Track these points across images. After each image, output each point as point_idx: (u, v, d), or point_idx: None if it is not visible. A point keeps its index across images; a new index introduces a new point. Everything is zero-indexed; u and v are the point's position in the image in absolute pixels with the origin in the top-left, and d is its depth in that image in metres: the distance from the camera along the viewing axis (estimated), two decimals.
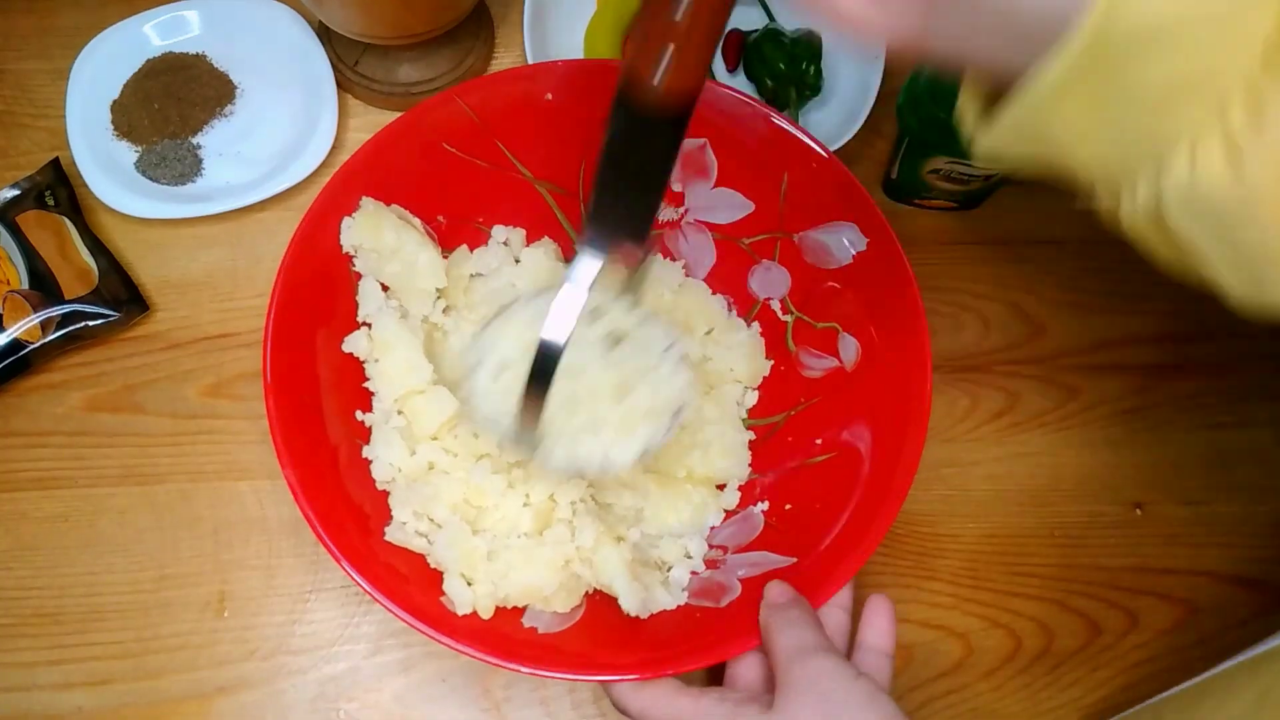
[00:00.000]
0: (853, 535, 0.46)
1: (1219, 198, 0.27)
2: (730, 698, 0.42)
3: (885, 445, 0.48)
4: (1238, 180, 0.26)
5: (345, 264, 0.52)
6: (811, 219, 0.53)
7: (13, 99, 0.64)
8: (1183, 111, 0.27)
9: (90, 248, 0.58)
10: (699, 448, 0.53)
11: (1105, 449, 0.60)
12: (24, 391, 0.57)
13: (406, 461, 0.50)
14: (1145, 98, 0.27)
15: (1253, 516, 0.59)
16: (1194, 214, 0.28)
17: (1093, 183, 0.30)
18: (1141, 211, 0.29)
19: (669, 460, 0.53)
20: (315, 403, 0.49)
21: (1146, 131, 0.27)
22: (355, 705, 0.52)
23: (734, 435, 0.54)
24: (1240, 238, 0.28)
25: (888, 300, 0.50)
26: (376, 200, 0.52)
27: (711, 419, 0.54)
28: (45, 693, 0.51)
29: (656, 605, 0.47)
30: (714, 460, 0.53)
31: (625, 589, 0.46)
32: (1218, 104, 0.26)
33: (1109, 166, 0.29)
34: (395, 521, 0.48)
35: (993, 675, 0.55)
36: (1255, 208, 0.27)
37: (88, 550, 0.54)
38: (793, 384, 0.55)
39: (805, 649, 0.41)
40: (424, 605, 0.44)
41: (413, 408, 0.50)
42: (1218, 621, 0.57)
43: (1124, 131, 0.28)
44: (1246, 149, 0.26)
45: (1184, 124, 0.27)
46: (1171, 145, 0.27)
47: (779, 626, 0.42)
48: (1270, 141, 0.26)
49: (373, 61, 0.64)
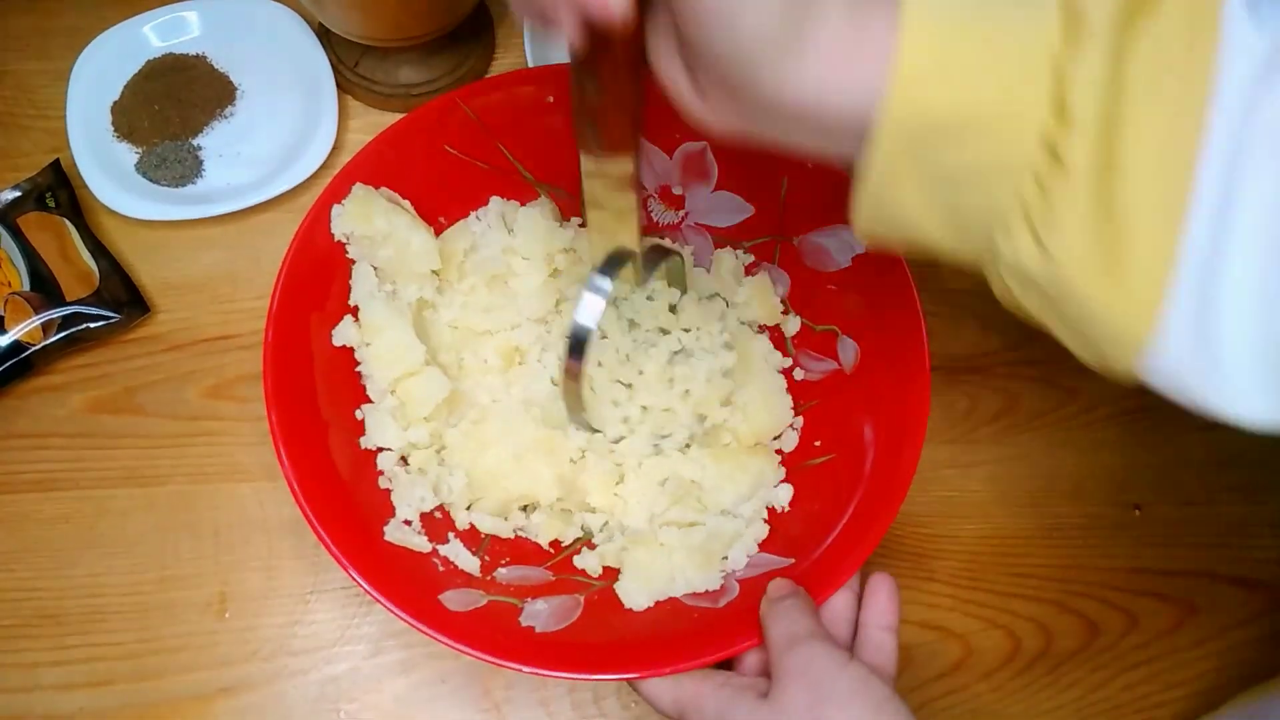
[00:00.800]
0: (851, 537, 0.46)
1: (1036, 274, 0.29)
2: (733, 683, 0.42)
3: (884, 447, 0.48)
4: (1046, 259, 0.28)
5: (346, 265, 0.52)
6: (811, 222, 0.53)
7: (13, 100, 0.64)
8: (995, 194, 0.29)
9: (91, 249, 0.58)
10: (738, 410, 0.53)
11: (1104, 450, 0.60)
12: (25, 393, 0.57)
13: (400, 439, 0.50)
14: (961, 182, 0.29)
15: (1252, 517, 0.59)
16: (1024, 288, 0.30)
17: (960, 260, 0.32)
18: (997, 285, 0.31)
19: (715, 428, 0.53)
20: (315, 403, 0.49)
21: (974, 213, 0.29)
22: (356, 706, 0.52)
23: (770, 385, 0.54)
24: (1061, 307, 0.30)
25: (887, 303, 0.50)
26: (367, 186, 0.52)
27: (742, 380, 0.54)
28: (47, 693, 0.51)
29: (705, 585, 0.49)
30: (755, 416, 0.53)
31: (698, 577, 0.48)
32: (1016, 189, 0.28)
33: (956, 247, 0.31)
34: (395, 521, 0.48)
35: (992, 676, 0.55)
36: (1065, 283, 0.29)
37: (89, 551, 0.54)
38: (792, 386, 0.55)
39: (797, 637, 0.41)
40: (424, 605, 0.44)
41: (406, 390, 0.51)
42: (1217, 622, 0.57)
43: (955, 214, 0.30)
44: (1043, 231, 0.28)
45: (999, 206, 0.29)
46: (996, 226, 0.29)
47: (774, 617, 0.43)
48: (1061, 225, 0.28)
49: (373, 63, 0.64)
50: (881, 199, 0.31)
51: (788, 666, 0.41)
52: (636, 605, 0.48)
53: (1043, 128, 0.28)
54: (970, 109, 0.28)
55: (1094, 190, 0.27)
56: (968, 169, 0.29)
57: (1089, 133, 0.27)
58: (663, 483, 0.52)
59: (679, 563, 0.48)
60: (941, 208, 0.30)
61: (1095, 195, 0.27)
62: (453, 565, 0.48)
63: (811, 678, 0.40)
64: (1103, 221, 0.28)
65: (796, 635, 0.42)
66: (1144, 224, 0.27)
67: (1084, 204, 0.28)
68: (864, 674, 0.40)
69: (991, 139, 0.28)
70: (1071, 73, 0.27)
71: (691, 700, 0.42)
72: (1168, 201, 0.27)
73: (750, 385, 0.53)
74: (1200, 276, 0.27)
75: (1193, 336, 0.28)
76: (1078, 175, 0.27)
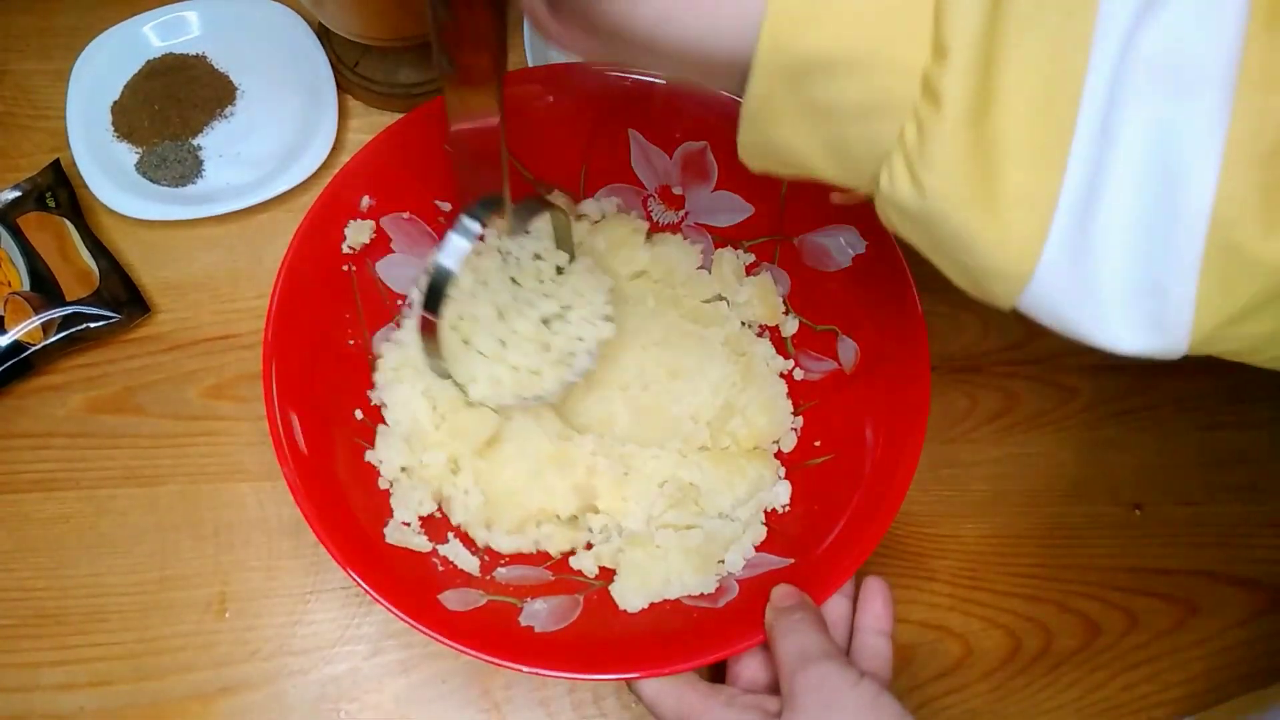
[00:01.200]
0: (850, 537, 0.46)
1: (913, 209, 0.30)
2: (738, 701, 0.42)
3: (884, 447, 0.48)
4: (921, 194, 0.29)
5: (346, 264, 0.52)
6: (811, 222, 0.53)
7: (13, 100, 0.64)
8: (875, 129, 0.29)
9: (91, 249, 0.58)
10: (737, 413, 0.53)
11: (1104, 449, 0.60)
12: (26, 393, 0.57)
13: (411, 460, 0.50)
14: (840, 118, 0.29)
15: (1252, 517, 0.59)
16: (903, 220, 0.31)
17: (850, 189, 0.32)
18: (884, 217, 0.32)
19: (715, 433, 0.53)
20: (315, 402, 0.49)
21: (856, 147, 0.30)
22: (356, 706, 0.52)
23: (771, 391, 0.54)
24: (939, 240, 0.30)
25: (886, 303, 0.50)
26: (375, 200, 0.52)
27: (741, 383, 0.54)
28: (47, 693, 0.51)
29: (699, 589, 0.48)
30: (755, 420, 0.53)
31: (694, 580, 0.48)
32: (896, 125, 0.29)
33: (842, 179, 0.32)
34: (395, 521, 0.48)
35: (992, 676, 0.55)
36: (942, 220, 0.29)
37: (89, 551, 0.54)
38: (792, 386, 0.55)
39: (808, 656, 0.41)
40: (423, 605, 0.44)
41: (455, 424, 0.51)
42: (1217, 622, 0.57)
43: (838, 148, 0.30)
44: (919, 167, 0.29)
45: (879, 140, 0.29)
46: (878, 160, 0.30)
47: (783, 632, 0.42)
48: (936, 162, 0.28)
49: (373, 63, 0.64)
50: (763, 133, 0.31)
51: (800, 687, 0.41)
52: (631, 607, 0.48)
53: (922, 65, 0.28)
54: (850, 47, 0.28)
55: (970, 124, 0.28)
56: (848, 105, 0.29)
57: (966, 69, 0.27)
58: (661, 485, 0.52)
59: (675, 565, 0.48)
60: (824, 141, 0.30)
61: (971, 129, 0.28)
62: (452, 565, 0.49)
63: (824, 699, 0.40)
64: (979, 156, 0.28)
65: (808, 654, 0.41)
66: (1023, 161, 0.28)
67: (961, 138, 0.28)
68: (874, 692, 0.40)
69: (872, 76, 0.28)
70: (949, 9, 0.27)
71: (697, 716, 0.42)
72: (1047, 138, 0.27)
73: (750, 389, 0.54)
74: (1078, 211, 0.28)
75: (1070, 269, 0.29)
76: (954, 112, 0.27)
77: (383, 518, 0.48)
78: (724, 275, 0.56)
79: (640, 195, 0.57)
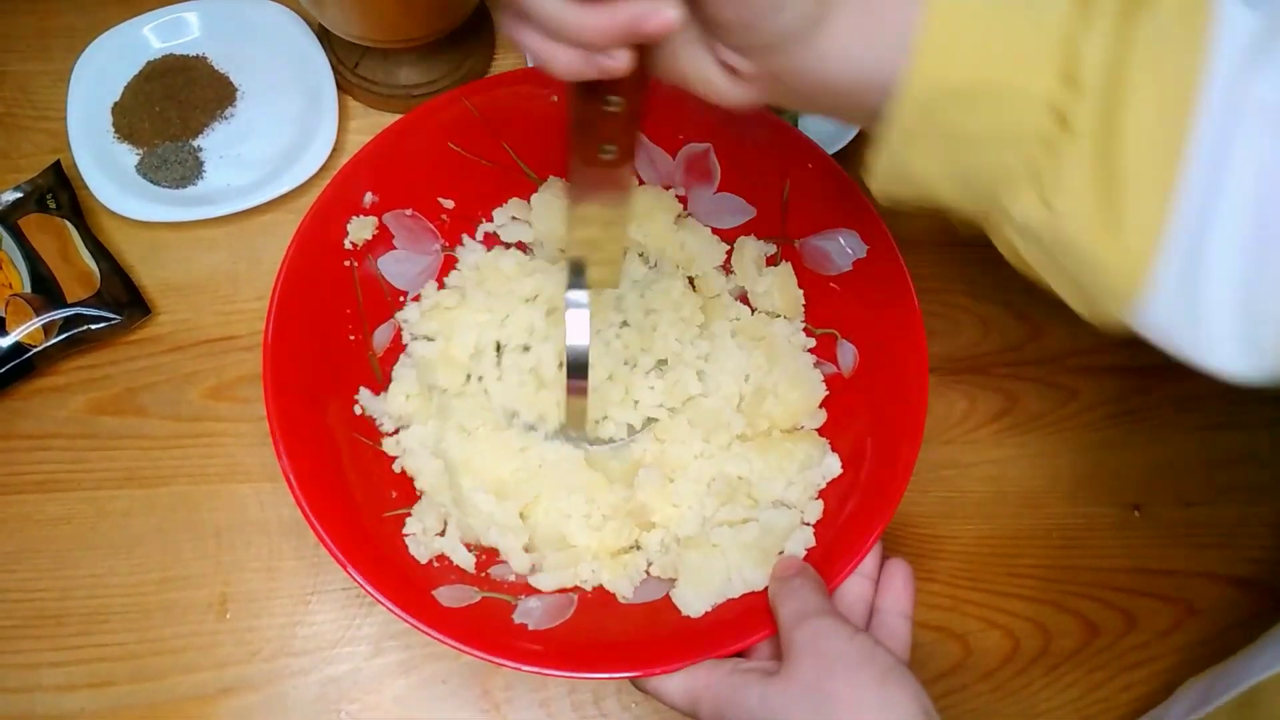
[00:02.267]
0: (847, 539, 0.46)
1: (1039, 229, 0.32)
2: (743, 666, 0.43)
3: (882, 451, 0.48)
4: (1050, 215, 0.32)
5: (347, 259, 0.52)
6: (812, 225, 0.53)
7: (14, 101, 0.64)
8: (1006, 156, 0.32)
9: (92, 251, 0.58)
10: (770, 394, 0.53)
11: (1104, 450, 0.60)
12: (27, 395, 0.57)
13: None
14: (974, 145, 0.32)
15: (1251, 518, 0.60)
16: (1027, 242, 0.33)
17: (967, 216, 0.35)
18: (999, 238, 0.34)
19: (751, 418, 0.53)
20: (316, 403, 0.49)
21: (984, 174, 0.33)
22: (357, 707, 0.52)
23: (797, 365, 0.54)
24: (1061, 260, 0.33)
25: (886, 306, 0.50)
26: (378, 196, 0.52)
27: (767, 365, 0.54)
28: (48, 694, 0.52)
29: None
30: (787, 397, 0.52)
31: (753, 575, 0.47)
32: (1027, 152, 0.31)
33: (965, 205, 0.34)
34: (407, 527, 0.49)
35: (991, 676, 0.55)
36: (1066, 238, 0.32)
37: (90, 552, 0.54)
38: None
39: (805, 613, 0.42)
40: (424, 606, 0.44)
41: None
42: (1216, 622, 0.57)
43: (967, 174, 0.33)
44: (1049, 189, 0.31)
45: (1009, 167, 0.32)
46: (1004, 186, 0.32)
47: (783, 597, 0.43)
48: (1066, 184, 0.31)
49: (373, 64, 0.64)
50: (898, 160, 0.33)
51: (796, 641, 0.41)
52: (694, 612, 0.46)
53: (1052, 96, 0.30)
54: (987, 79, 0.31)
55: (1097, 152, 0.30)
56: (981, 133, 0.32)
57: (1095, 100, 0.30)
58: (709, 484, 0.51)
59: (734, 561, 0.47)
60: (954, 168, 0.33)
61: (1098, 157, 0.30)
62: (448, 561, 0.49)
63: (819, 650, 0.40)
64: (1104, 182, 0.30)
65: (805, 612, 0.42)
66: (1141, 186, 0.30)
67: (1088, 164, 0.30)
68: (870, 644, 0.41)
69: (1005, 106, 0.31)
70: (1081, 46, 0.30)
71: (705, 690, 0.42)
72: (1162, 167, 0.30)
73: (777, 368, 0.53)
74: (1190, 237, 0.30)
75: (1180, 291, 0.31)
76: (1083, 138, 0.30)
77: (381, 515, 0.48)
78: (744, 265, 0.56)
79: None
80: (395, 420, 0.52)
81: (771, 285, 0.55)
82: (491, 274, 0.56)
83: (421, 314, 0.55)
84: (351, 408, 0.51)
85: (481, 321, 0.54)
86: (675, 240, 0.56)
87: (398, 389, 0.52)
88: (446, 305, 0.55)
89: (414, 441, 0.51)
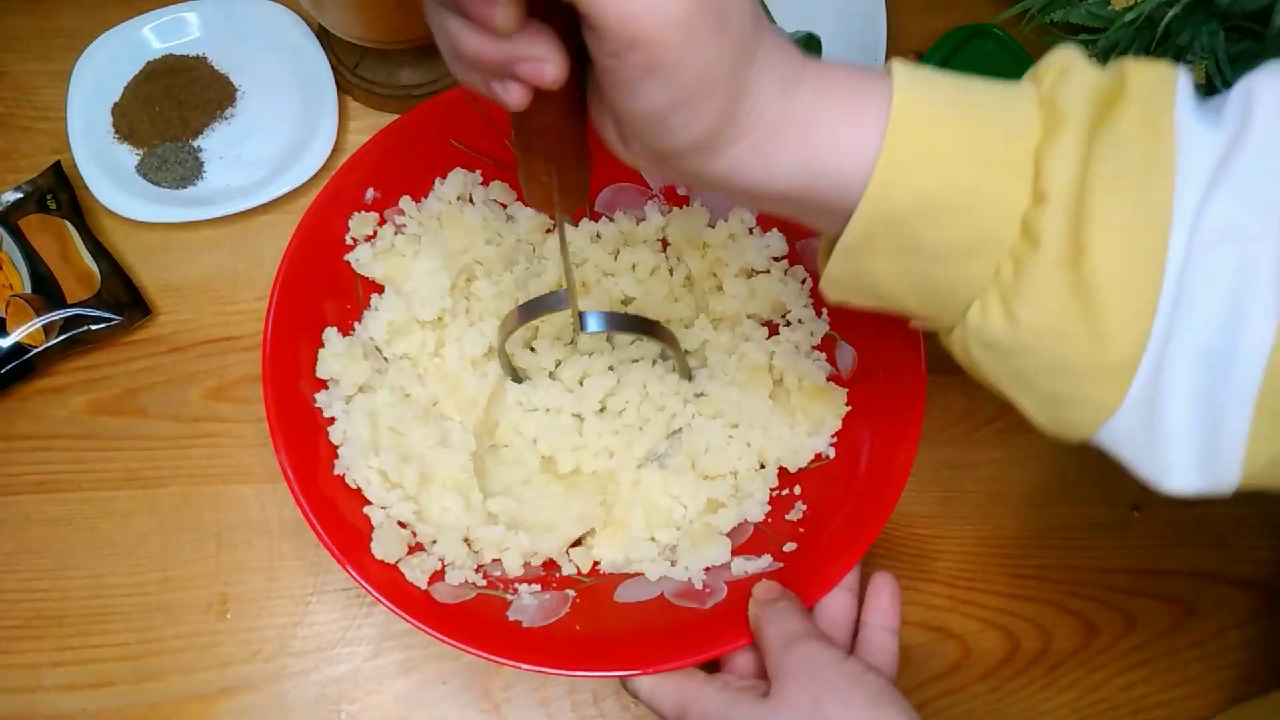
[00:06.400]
0: (843, 540, 0.46)
1: (1000, 338, 0.32)
2: (732, 685, 0.43)
3: (879, 452, 0.48)
4: (1012, 324, 0.32)
5: (347, 261, 0.52)
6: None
7: (13, 102, 0.64)
8: (969, 268, 0.32)
9: (92, 251, 0.58)
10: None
11: (1103, 450, 0.60)
12: (27, 395, 0.57)
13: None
14: (936, 256, 0.32)
15: (1250, 518, 0.59)
16: (985, 349, 0.33)
17: (923, 321, 0.36)
18: (956, 345, 0.35)
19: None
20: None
21: (944, 284, 0.33)
22: (357, 707, 0.52)
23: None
24: (1020, 367, 0.33)
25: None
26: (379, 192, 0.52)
27: (757, 336, 0.54)
28: (49, 694, 0.52)
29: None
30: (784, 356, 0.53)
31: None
32: (993, 264, 0.31)
33: (924, 312, 0.34)
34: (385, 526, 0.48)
35: (990, 677, 0.55)
36: (1034, 351, 0.32)
37: (91, 553, 0.54)
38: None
39: (793, 637, 0.42)
40: (424, 606, 0.45)
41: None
42: (1215, 623, 0.57)
43: (927, 284, 0.33)
44: (1015, 302, 0.31)
45: (971, 278, 0.32)
46: (965, 296, 0.32)
47: (768, 620, 0.43)
48: (1031, 297, 0.31)
49: (373, 64, 0.64)
50: (854, 269, 0.33)
51: (786, 665, 0.41)
52: (615, 566, 0.49)
53: (1021, 209, 0.31)
54: (953, 193, 0.31)
55: (1065, 268, 0.30)
56: (944, 246, 0.32)
57: (1061, 212, 0.30)
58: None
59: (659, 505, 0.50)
60: (915, 277, 0.33)
61: (1067, 272, 0.30)
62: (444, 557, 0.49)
63: (811, 674, 0.41)
64: (1079, 296, 0.30)
65: (793, 635, 0.42)
66: (1115, 304, 0.30)
67: (1056, 280, 0.30)
68: (860, 668, 0.41)
69: (971, 219, 0.31)
70: (1048, 157, 0.30)
71: (693, 703, 0.43)
72: (1135, 287, 0.30)
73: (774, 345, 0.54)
74: (1156, 361, 0.31)
75: (1145, 407, 0.31)
76: (1051, 253, 0.30)
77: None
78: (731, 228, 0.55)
79: (645, 195, 0.57)
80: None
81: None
82: (453, 223, 0.54)
83: (374, 255, 0.53)
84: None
85: (432, 269, 0.53)
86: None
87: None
88: (401, 251, 0.54)
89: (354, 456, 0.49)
